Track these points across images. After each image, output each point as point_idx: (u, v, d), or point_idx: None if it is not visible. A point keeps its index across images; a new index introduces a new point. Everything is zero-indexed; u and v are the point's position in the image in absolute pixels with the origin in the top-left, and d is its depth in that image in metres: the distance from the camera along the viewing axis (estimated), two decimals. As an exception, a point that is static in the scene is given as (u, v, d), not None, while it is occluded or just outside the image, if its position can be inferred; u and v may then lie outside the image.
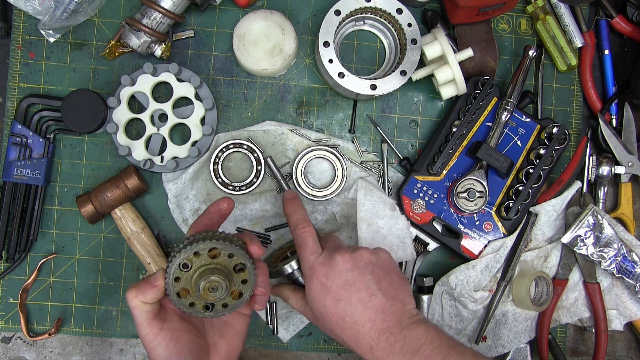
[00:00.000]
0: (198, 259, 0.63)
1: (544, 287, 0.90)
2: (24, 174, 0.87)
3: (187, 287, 0.64)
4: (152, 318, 0.65)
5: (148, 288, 0.64)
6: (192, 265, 0.63)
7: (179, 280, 0.63)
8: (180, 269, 0.63)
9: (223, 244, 0.63)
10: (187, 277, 0.63)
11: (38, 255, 0.91)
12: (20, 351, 0.91)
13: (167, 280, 0.63)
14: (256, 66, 0.88)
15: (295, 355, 0.94)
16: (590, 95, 0.96)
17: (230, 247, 0.63)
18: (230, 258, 0.64)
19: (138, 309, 0.65)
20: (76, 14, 0.88)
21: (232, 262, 0.64)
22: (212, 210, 0.71)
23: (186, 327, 0.68)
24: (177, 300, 0.64)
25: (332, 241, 0.75)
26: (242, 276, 0.65)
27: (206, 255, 0.63)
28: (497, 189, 0.90)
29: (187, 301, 0.64)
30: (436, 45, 0.87)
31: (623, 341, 0.98)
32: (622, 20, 0.95)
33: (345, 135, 0.94)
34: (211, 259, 0.63)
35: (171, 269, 0.63)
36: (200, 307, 0.65)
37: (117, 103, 0.86)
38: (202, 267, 0.63)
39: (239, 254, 0.64)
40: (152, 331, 0.65)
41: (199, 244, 0.62)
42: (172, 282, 0.63)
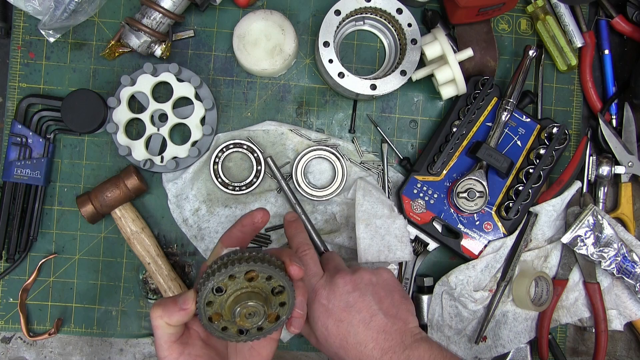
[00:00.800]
0: (233, 282, 0.57)
1: (544, 287, 0.90)
2: (24, 174, 0.87)
3: (220, 311, 0.58)
4: (174, 342, 0.61)
5: (176, 310, 0.58)
6: (226, 289, 0.57)
7: (211, 304, 0.57)
8: (214, 294, 0.57)
9: (262, 266, 0.57)
10: (221, 301, 0.58)
11: (38, 255, 0.91)
12: (20, 351, 0.91)
13: (198, 304, 0.57)
14: (256, 66, 0.88)
15: (295, 355, 0.94)
16: (590, 95, 0.96)
17: (269, 269, 0.57)
18: (269, 280, 0.58)
19: (161, 329, 0.59)
20: (76, 14, 0.88)
21: (270, 284, 0.58)
22: (246, 222, 0.66)
23: (209, 354, 0.63)
24: (208, 325, 0.58)
25: (332, 262, 0.75)
26: (281, 298, 0.59)
27: (242, 278, 0.57)
28: (497, 189, 0.90)
29: (219, 325, 0.59)
30: (436, 45, 0.87)
31: (623, 341, 0.98)
32: (622, 20, 0.95)
33: (345, 135, 0.94)
34: (248, 282, 0.57)
35: (204, 292, 0.56)
36: (234, 331, 0.59)
37: (117, 103, 0.86)
38: (237, 291, 0.57)
39: (278, 275, 0.58)
40: (171, 355, 0.60)
41: (235, 266, 0.56)
42: (204, 307, 0.57)
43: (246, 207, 0.90)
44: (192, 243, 0.91)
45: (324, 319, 0.70)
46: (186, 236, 0.91)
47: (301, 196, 0.91)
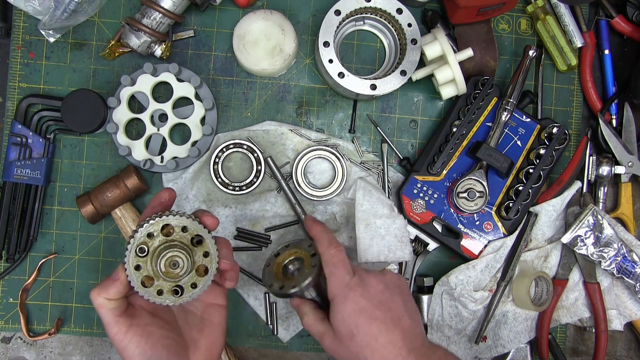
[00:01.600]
0: (153, 240, 0.61)
1: (544, 287, 0.90)
2: (24, 174, 0.87)
3: (150, 273, 0.61)
4: (119, 315, 0.63)
5: (110, 283, 0.62)
6: (148, 248, 0.61)
7: (139, 268, 0.61)
8: (138, 255, 0.61)
9: (174, 218, 0.61)
10: (147, 263, 0.61)
11: (38, 255, 0.91)
12: (20, 351, 0.91)
13: (127, 270, 0.60)
14: (256, 66, 0.88)
15: (295, 355, 0.94)
16: (590, 95, 0.96)
17: (182, 220, 0.61)
18: (185, 232, 0.62)
19: (103, 307, 0.62)
20: (76, 14, 0.88)
21: (188, 235, 0.62)
22: (155, 204, 0.67)
23: (158, 323, 0.65)
24: (142, 290, 0.61)
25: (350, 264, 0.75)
26: (203, 248, 0.63)
27: (160, 234, 0.61)
28: (497, 189, 0.90)
29: (154, 289, 0.61)
30: (436, 45, 0.87)
31: (623, 341, 0.98)
32: (622, 20, 0.95)
33: (345, 135, 0.94)
34: (165, 237, 0.61)
35: (129, 257, 0.60)
36: (169, 293, 0.62)
37: (117, 103, 0.86)
38: (159, 247, 0.61)
39: (192, 225, 0.62)
40: (120, 329, 0.62)
41: (151, 224, 0.61)
42: (133, 271, 0.60)
43: (246, 207, 0.90)
44: (192, 243, 0.91)
45: (355, 317, 0.68)
46: (186, 236, 0.91)
47: (301, 196, 0.91)
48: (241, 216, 0.90)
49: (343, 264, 0.71)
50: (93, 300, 0.62)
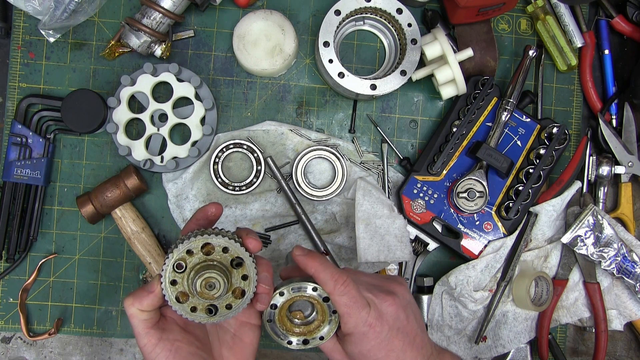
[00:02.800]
0: (192, 257, 0.59)
1: (544, 287, 0.90)
2: (24, 174, 0.87)
3: (185, 290, 0.60)
4: (150, 327, 0.62)
5: (144, 295, 0.61)
6: (186, 265, 0.59)
7: (175, 283, 0.59)
8: (175, 270, 0.59)
9: (216, 238, 0.59)
10: (184, 279, 0.59)
11: (38, 255, 0.91)
12: (20, 351, 0.91)
13: (162, 284, 0.59)
14: (256, 66, 0.88)
15: (295, 355, 0.94)
16: (590, 95, 0.96)
17: (224, 241, 0.59)
18: (226, 252, 0.60)
19: (135, 317, 0.61)
20: (76, 14, 0.88)
21: (228, 257, 0.60)
22: (199, 216, 0.66)
23: (187, 339, 0.64)
24: (176, 305, 0.60)
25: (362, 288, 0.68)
26: (242, 272, 0.61)
27: (200, 252, 0.59)
28: (497, 189, 0.90)
29: (187, 306, 0.60)
30: (436, 45, 0.87)
31: (623, 341, 0.98)
32: (622, 20, 0.95)
33: (345, 135, 0.94)
34: (205, 255, 0.60)
35: (166, 271, 0.59)
36: (203, 311, 0.61)
37: (117, 103, 0.86)
38: (197, 266, 0.59)
39: (234, 247, 0.60)
40: (150, 341, 0.62)
41: (191, 240, 0.59)
42: (169, 286, 0.59)
43: (246, 207, 0.90)
44: (192, 243, 0.91)
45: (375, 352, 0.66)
46: (186, 236, 0.91)
47: (301, 196, 0.91)
48: (241, 216, 0.90)
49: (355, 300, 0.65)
50: (126, 309, 0.61)
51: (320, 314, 0.67)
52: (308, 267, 0.66)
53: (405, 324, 0.67)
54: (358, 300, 0.65)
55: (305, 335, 0.67)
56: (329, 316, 0.66)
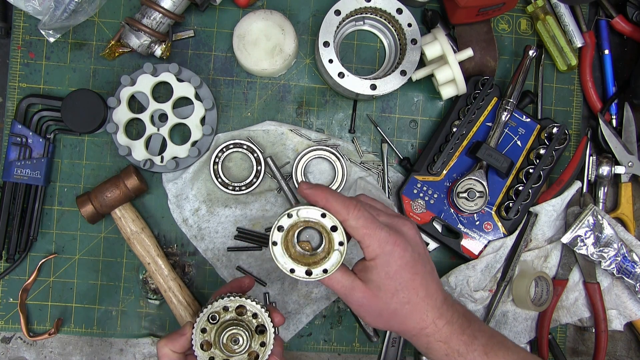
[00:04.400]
0: (226, 313, 0.68)
1: (544, 287, 0.90)
2: (24, 174, 0.87)
3: (211, 340, 0.68)
4: None
5: (177, 337, 0.68)
6: (219, 318, 0.68)
7: (204, 331, 0.68)
8: (209, 321, 0.68)
9: (251, 304, 0.68)
10: (213, 330, 0.68)
11: (38, 255, 0.91)
12: (20, 351, 0.91)
13: (194, 329, 0.67)
14: (256, 66, 0.88)
15: (295, 355, 0.94)
16: (590, 95, 0.96)
17: (256, 308, 0.69)
18: (255, 318, 0.69)
19: (166, 357, 0.68)
20: (76, 14, 0.88)
21: (255, 322, 0.69)
22: (234, 284, 0.74)
23: None
24: (199, 350, 0.67)
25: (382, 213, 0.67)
26: (262, 338, 0.69)
27: (234, 311, 0.68)
28: (497, 189, 0.90)
29: (207, 355, 0.67)
30: (436, 45, 0.87)
31: (623, 341, 0.98)
32: (622, 20, 0.95)
33: (345, 135, 0.94)
34: (237, 315, 0.69)
35: (201, 319, 0.67)
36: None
37: (117, 103, 0.86)
38: (227, 322, 0.68)
39: (263, 315, 0.68)
40: None
41: (230, 300, 0.68)
42: (199, 332, 0.67)
43: (246, 207, 0.90)
44: (192, 243, 0.91)
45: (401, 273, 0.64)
46: (186, 236, 0.91)
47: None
48: (241, 216, 0.90)
49: (372, 221, 0.63)
50: (159, 349, 0.68)
51: (327, 244, 0.66)
52: (317, 199, 0.65)
53: (423, 250, 0.67)
54: (374, 221, 0.64)
55: (309, 265, 0.65)
56: (335, 247, 0.65)
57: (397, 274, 0.64)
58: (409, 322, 0.66)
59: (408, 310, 0.66)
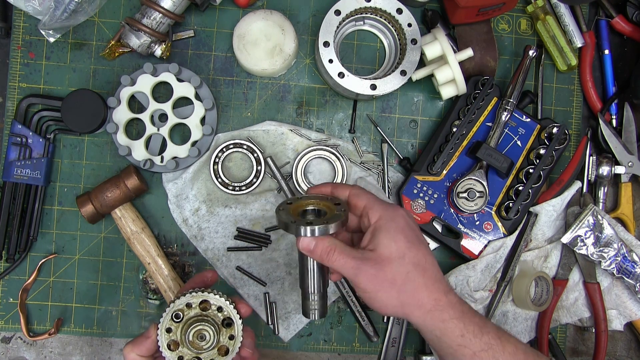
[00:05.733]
0: (190, 310, 0.67)
1: (544, 287, 0.90)
2: (24, 174, 0.87)
3: (177, 339, 0.66)
4: None
5: (142, 340, 0.66)
6: (183, 316, 0.66)
7: (170, 331, 0.66)
8: (173, 320, 0.66)
9: (214, 297, 0.67)
10: (178, 329, 0.66)
11: (38, 255, 0.91)
12: (20, 351, 0.91)
13: (159, 330, 0.66)
14: (256, 66, 0.88)
15: (295, 355, 0.94)
16: (590, 95, 0.96)
17: (220, 301, 0.67)
18: (220, 312, 0.67)
19: None
20: (76, 14, 0.88)
21: (220, 316, 0.67)
22: (197, 279, 0.73)
23: None
24: (166, 351, 0.66)
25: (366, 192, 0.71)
26: (229, 331, 0.67)
27: (197, 307, 0.67)
28: (497, 189, 0.90)
29: (176, 355, 0.66)
30: (436, 45, 0.87)
31: (623, 341, 0.98)
32: (622, 20, 0.95)
33: (345, 135, 0.94)
34: (202, 311, 0.67)
35: (164, 318, 0.66)
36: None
37: (117, 103, 0.86)
38: (192, 318, 0.67)
39: (228, 308, 0.67)
40: None
41: (192, 296, 0.67)
42: (164, 333, 0.66)
43: (246, 207, 0.90)
44: (192, 243, 0.91)
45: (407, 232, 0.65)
46: (186, 236, 0.91)
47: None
48: (241, 216, 0.90)
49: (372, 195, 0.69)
50: (125, 355, 0.67)
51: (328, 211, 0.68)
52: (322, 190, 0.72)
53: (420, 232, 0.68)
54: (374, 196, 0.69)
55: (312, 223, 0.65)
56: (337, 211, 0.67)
57: (403, 231, 0.65)
58: (423, 291, 0.63)
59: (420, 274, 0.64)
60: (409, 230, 0.66)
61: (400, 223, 0.66)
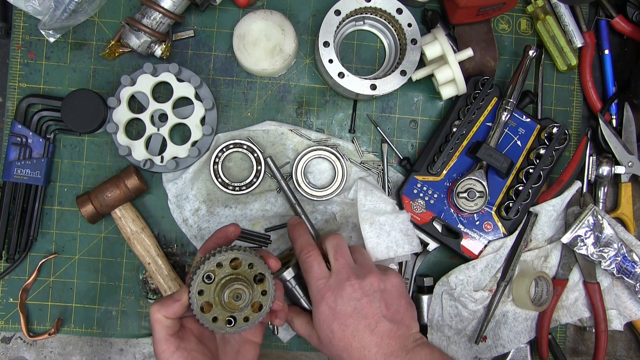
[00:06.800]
0: (220, 270, 0.65)
1: (544, 287, 0.90)
2: (24, 174, 0.87)
3: (210, 300, 0.64)
4: (171, 335, 0.66)
5: (171, 302, 0.65)
6: (215, 277, 0.64)
7: (202, 293, 0.64)
8: (204, 281, 0.64)
9: (244, 254, 0.65)
10: (210, 290, 0.64)
11: (38, 255, 0.91)
12: (20, 351, 0.91)
13: (191, 293, 0.64)
14: (256, 66, 0.88)
15: (295, 355, 0.94)
16: (590, 95, 0.96)
17: (251, 257, 0.66)
18: (251, 268, 0.66)
19: (160, 323, 0.65)
20: (76, 14, 0.88)
21: (252, 272, 0.66)
22: (220, 235, 0.72)
23: (202, 350, 0.68)
24: (200, 314, 0.64)
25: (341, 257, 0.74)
26: (262, 287, 0.66)
27: (228, 266, 0.65)
28: (497, 189, 0.90)
29: (210, 316, 0.64)
30: (436, 45, 0.87)
31: (623, 341, 0.98)
32: (622, 20, 0.95)
33: (345, 135, 0.94)
34: (233, 269, 0.65)
35: (195, 281, 0.64)
36: (223, 322, 0.65)
37: (117, 103, 0.86)
38: (225, 278, 0.65)
39: (259, 263, 0.66)
40: (169, 348, 0.65)
41: (222, 254, 0.64)
42: (196, 296, 0.64)
43: (246, 207, 0.90)
44: (192, 243, 0.91)
45: (330, 322, 0.71)
46: (186, 236, 0.91)
47: (301, 196, 0.91)
48: (241, 216, 0.90)
49: (312, 269, 0.73)
50: (152, 314, 0.65)
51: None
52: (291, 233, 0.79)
53: (365, 307, 0.70)
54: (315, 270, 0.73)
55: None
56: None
57: (325, 321, 0.71)
58: None
59: (349, 356, 0.70)
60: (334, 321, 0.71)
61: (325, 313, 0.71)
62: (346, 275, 0.72)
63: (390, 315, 0.72)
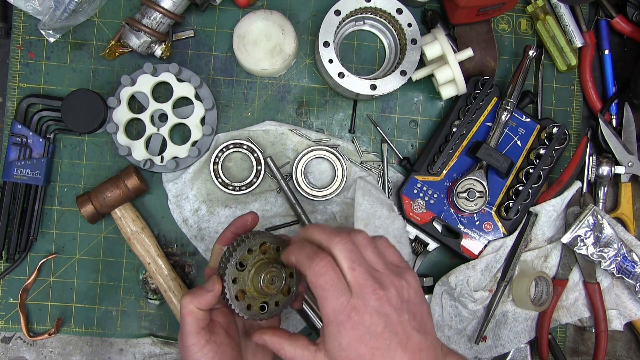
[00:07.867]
0: (251, 255, 0.64)
1: (544, 287, 0.90)
2: (24, 174, 0.87)
3: (244, 287, 0.64)
4: (202, 328, 0.64)
5: (204, 293, 0.63)
6: (247, 263, 0.64)
7: (236, 281, 0.63)
8: (237, 269, 0.63)
9: (271, 238, 0.65)
10: (243, 277, 0.63)
11: (38, 255, 0.91)
12: (20, 351, 0.91)
13: (225, 283, 0.62)
14: (256, 66, 0.88)
15: (295, 355, 0.94)
16: (590, 95, 0.96)
17: (278, 240, 0.65)
18: (278, 251, 0.65)
19: (192, 315, 0.63)
20: (76, 14, 0.88)
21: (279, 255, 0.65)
22: (238, 224, 0.70)
23: (230, 344, 0.66)
24: (236, 303, 0.63)
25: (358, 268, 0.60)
26: (289, 269, 0.65)
27: (258, 251, 0.64)
28: (497, 189, 0.90)
29: (244, 304, 0.64)
30: (436, 45, 0.87)
31: (623, 341, 0.98)
32: (622, 20, 0.95)
33: (345, 135, 0.94)
34: (262, 254, 0.65)
35: (229, 269, 0.63)
36: (257, 308, 0.64)
37: (117, 103, 0.86)
38: (257, 263, 0.64)
39: (285, 246, 0.65)
40: (199, 341, 0.63)
41: (251, 240, 0.64)
42: (231, 285, 0.63)
43: (246, 207, 0.90)
44: (192, 243, 0.91)
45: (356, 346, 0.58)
46: (186, 236, 0.91)
47: (301, 196, 0.91)
48: (241, 216, 0.90)
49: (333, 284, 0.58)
50: (183, 307, 0.63)
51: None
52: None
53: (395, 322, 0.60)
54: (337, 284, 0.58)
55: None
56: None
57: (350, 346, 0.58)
58: None
59: None
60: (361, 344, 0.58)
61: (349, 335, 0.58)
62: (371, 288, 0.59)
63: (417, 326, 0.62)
